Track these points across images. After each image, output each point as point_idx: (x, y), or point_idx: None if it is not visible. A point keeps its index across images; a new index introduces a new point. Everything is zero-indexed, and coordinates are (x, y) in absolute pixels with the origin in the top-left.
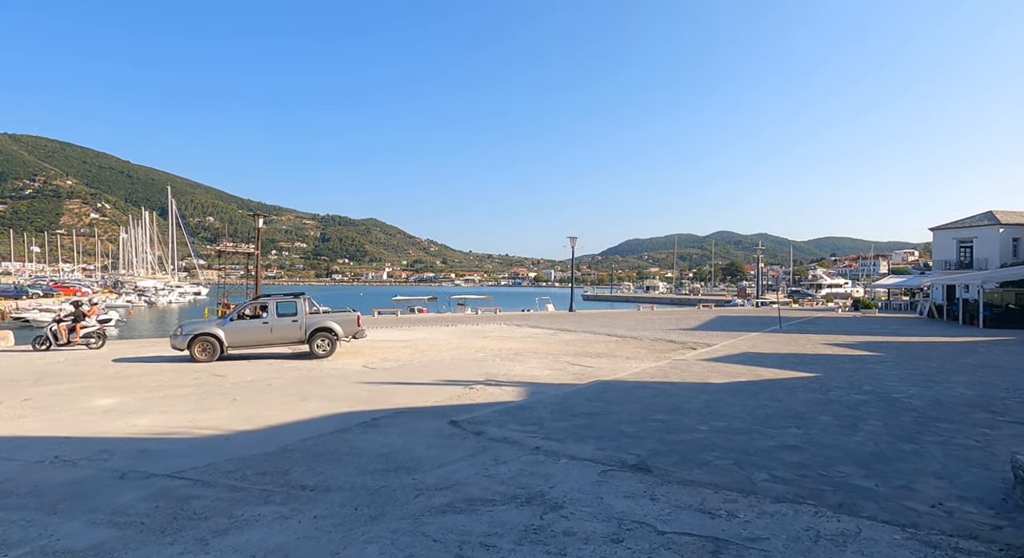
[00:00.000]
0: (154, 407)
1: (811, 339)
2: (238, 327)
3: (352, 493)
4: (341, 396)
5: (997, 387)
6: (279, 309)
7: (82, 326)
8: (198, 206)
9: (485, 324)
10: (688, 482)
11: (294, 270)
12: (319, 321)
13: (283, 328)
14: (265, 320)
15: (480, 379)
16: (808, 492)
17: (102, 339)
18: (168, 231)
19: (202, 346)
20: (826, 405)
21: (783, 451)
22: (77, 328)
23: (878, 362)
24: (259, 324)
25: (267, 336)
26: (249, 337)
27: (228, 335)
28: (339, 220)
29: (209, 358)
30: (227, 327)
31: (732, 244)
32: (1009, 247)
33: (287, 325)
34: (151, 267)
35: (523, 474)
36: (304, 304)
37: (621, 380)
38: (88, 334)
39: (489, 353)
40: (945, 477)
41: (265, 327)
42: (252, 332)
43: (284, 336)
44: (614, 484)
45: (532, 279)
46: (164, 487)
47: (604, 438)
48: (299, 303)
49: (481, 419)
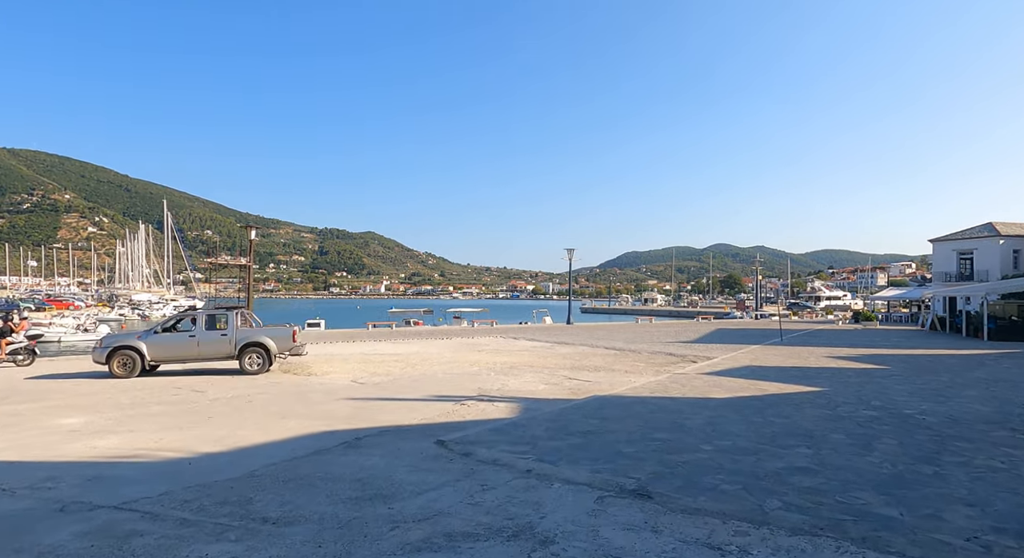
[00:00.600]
0: (122, 426)
1: (813, 352)
2: (162, 340)
3: (319, 527)
4: (324, 413)
5: (1012, 402)
6: (208, 322)
7: (8, 342)
8: (196, 220)
9: (481, 337)
10: (693, 511)
11: (292, 283)
12: (250, 336)
13: (211, 342)
14: (192, 333)
15: (472, 394)
16: (826, 523)
17: (31, 356)
18: (166, 245)
19: (121, 360)
20: (835, 422)
21: (795, 474)
22: (2, 344)
23: (885, 376)
24: (185, 337)
25: (193, 350)
26: (174, 351)
27: (151, 349)
28: (337, 233)
29: (128, 373)
30: (150, 340)
31: (730, 257)
32: (1010, 259)
33: (216, 339)
34: (147, 281)
35: (512, 502)
36: (236, 318)
37: (619, 395)
38: (15, 351)
39: (483, 367)
40: (975, 504)
41: (192, 341)
42: (177, 346)
43: (212, 351)
44: (611, 513)
45: (530, 292)
46: (106, 521)
47: (601, 459)
48: (230, 316)
49: (470, 439)
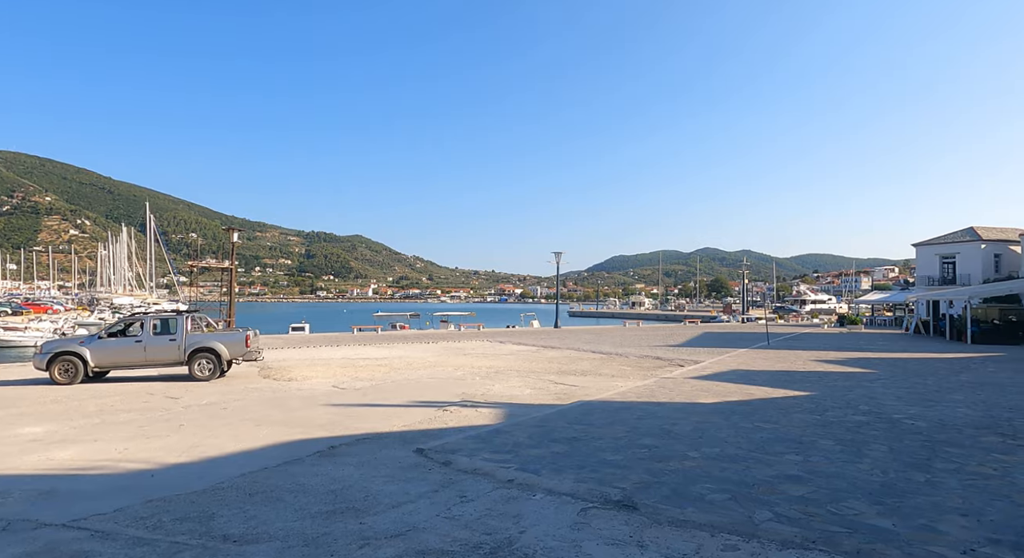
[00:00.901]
0: (86, 436)
1: (800, 355)
2: (107, 345)
3: (283, 545)
4: (301, 420)
5: (1000, 406)
6: (156, 327)
7: None
8: (181, 223)
9: (467, 341)
10: (681, 523)
11: (278, 287)
12: (201, 341)
13: (159, 347)
14: (139, 338)
15: (456, 400)
16: (819, 535)
17: None
18: (148, 248)
19: (62, 366)
20: (824, 427)
21: (785, 482)
22: None
23: (872, 380)
24: (131, 343)
25: (140, 356)
26: (119, 357)
27: (95, 355)
28: (324, 237)
29: (70, 380)
30: (93, 346)
31: (716, 261)
32: (991, 263)
33: (164, 344)
34: (129, 284)
35: (491, 514)
36: (187, 322)
37: (606, 400)
38: None
39: (469, 371)
40: (969, 514)
41: (138, 346)
42: (123, 351)
43: (160, 356)
44: (595, 526)
45: (518, 295)
46: (51, 541)
47: (586, 468)
48: (180, 321)
49: (451, 446)
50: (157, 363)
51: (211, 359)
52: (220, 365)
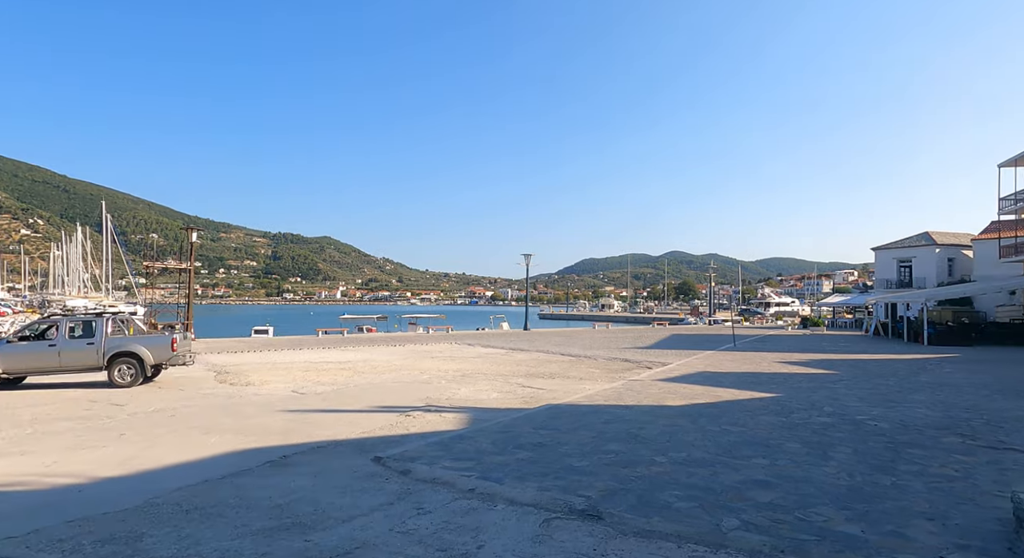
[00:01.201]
0: (14, 448)
1: (765, 357)
2: (17, 350)
3: None
4: (254, 428)
5: (958, 407)
6: (73, 330)
7: None
8: (141, 223)
9: (436, 344)
10: (647, 533)
11: (243, 289)
12: (121, 345)
13: (75, 352)
14: (53, 342)
15: (420, 405)
16: (788, 544)
17: None
18: (104, 249)
19: None
20: (791, 429)
21: (752, 488)
22: None
23: (835, 381)
24: (44, 347)
25: (54, 361)
26: (31, 362)
27: (3, 360)
28: (291, 238)
29: None
30: (2, 351)
31: (684, 264)
32: (945, 266)
33: (81, 349)
34: (84, 285)
35: (448, 528)
36: (107, 325)
37: (573, 404)
38: None
39: (435, 375)
40: (935, 518)
41: (52, 351)
42: (34, 356)
43: (76, 361)
44: (558, 539)
45: (489, 298)
46: None
47: (550, 475)
48: (100, 324)
49: (411, 454)
50: (73, 368)
51: (132, 364)
52: (143, 371)
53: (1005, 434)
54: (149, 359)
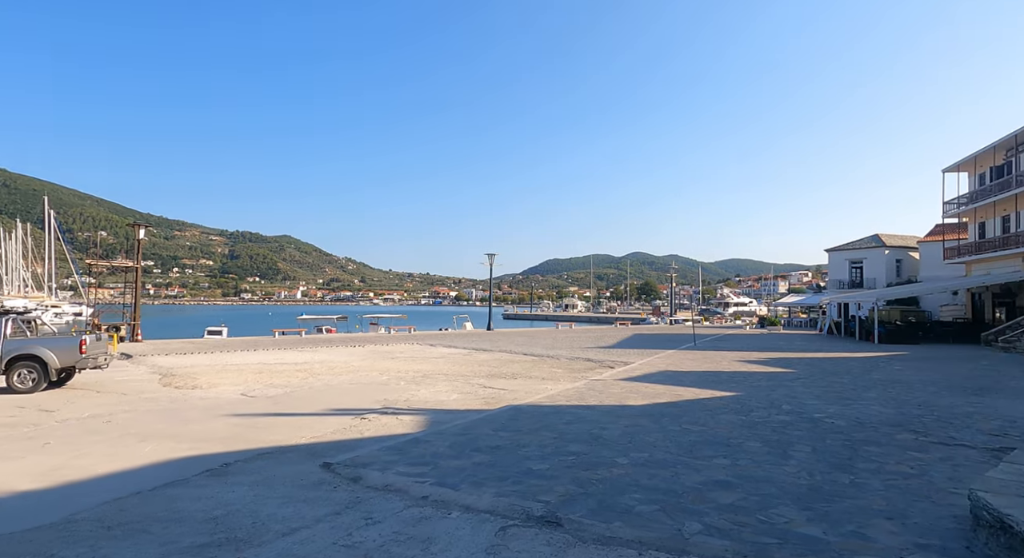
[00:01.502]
0: None
1: (725, 356)
2: None
3: None
4: (196, 434)
5: (910, 404)
6: None
7: None
8: (89, 220)
9: (397, 344)
10: (607, 540)
11: (198, 289)
12: (21, 348)
13: None
14: None
15: (376, 407)
16: (750, 548)
17: None
18: (46, 246)
19: None
20: (750, 428)
21: (714, 489)
22: None
23: (792, 379)
24: None
25: None
26: None
27: None
28: (250, 237)
29: None
30: None
31: (646, 265)
32: (894, 267)
33: None
34: (24, 284)
35: (397, 540)
36: (6, 326)
37: (535, 404)
38: None
39: (394, 376)
40: (894, 517)
41: None
42: None
43: None
44: (514, 549)
45: (453, 298)
46: None
47: (508, 479)
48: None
49: (363, 460)
50: None
51: (34, 368)
52: (46, 375)
53: (955, 430)
54: (54, 362)
